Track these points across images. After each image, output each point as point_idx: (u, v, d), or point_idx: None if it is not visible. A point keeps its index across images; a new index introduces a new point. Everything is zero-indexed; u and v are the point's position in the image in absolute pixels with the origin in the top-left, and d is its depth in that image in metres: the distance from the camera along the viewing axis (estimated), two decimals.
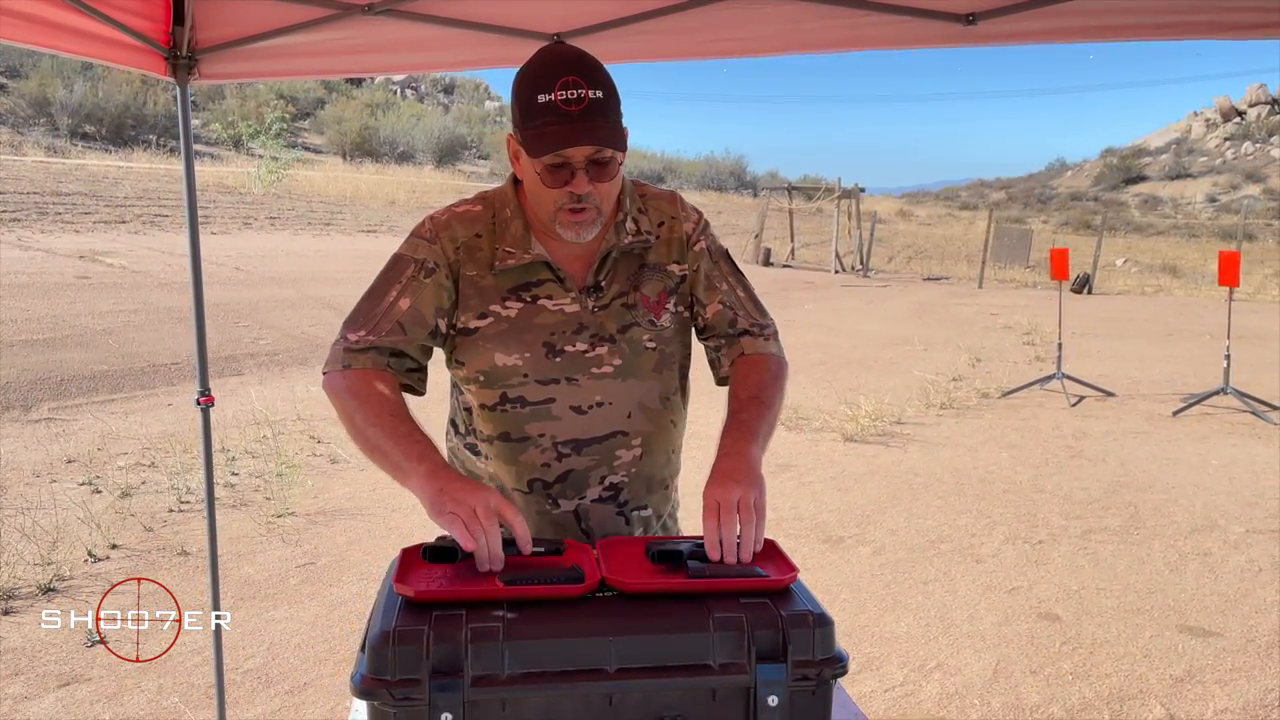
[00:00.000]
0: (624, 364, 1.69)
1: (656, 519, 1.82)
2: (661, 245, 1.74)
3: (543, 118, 1.49)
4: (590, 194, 1.55)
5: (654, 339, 1.72)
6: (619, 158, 1.57)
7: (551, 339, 1.66)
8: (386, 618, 1.23)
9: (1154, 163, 73.22)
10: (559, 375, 1.67)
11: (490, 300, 1.66)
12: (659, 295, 1.72)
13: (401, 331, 1.63)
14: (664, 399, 1.76)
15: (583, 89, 1.48)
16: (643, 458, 1.74)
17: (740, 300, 1.79)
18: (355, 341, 1.63)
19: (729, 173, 54.10)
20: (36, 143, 27.79)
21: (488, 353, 1.67)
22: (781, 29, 2.51)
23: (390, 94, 48.39)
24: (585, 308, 1.68)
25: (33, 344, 9.30)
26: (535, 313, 1.66)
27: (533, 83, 1.51)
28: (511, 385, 1.68)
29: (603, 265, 1.69)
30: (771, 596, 1.31)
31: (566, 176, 1.53)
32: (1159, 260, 30.89)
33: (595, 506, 1.73)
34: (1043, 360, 11.02)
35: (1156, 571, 4.64)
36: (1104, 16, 2.27)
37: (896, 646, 3.80)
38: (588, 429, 1.69)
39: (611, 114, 1.52)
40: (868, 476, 6.26)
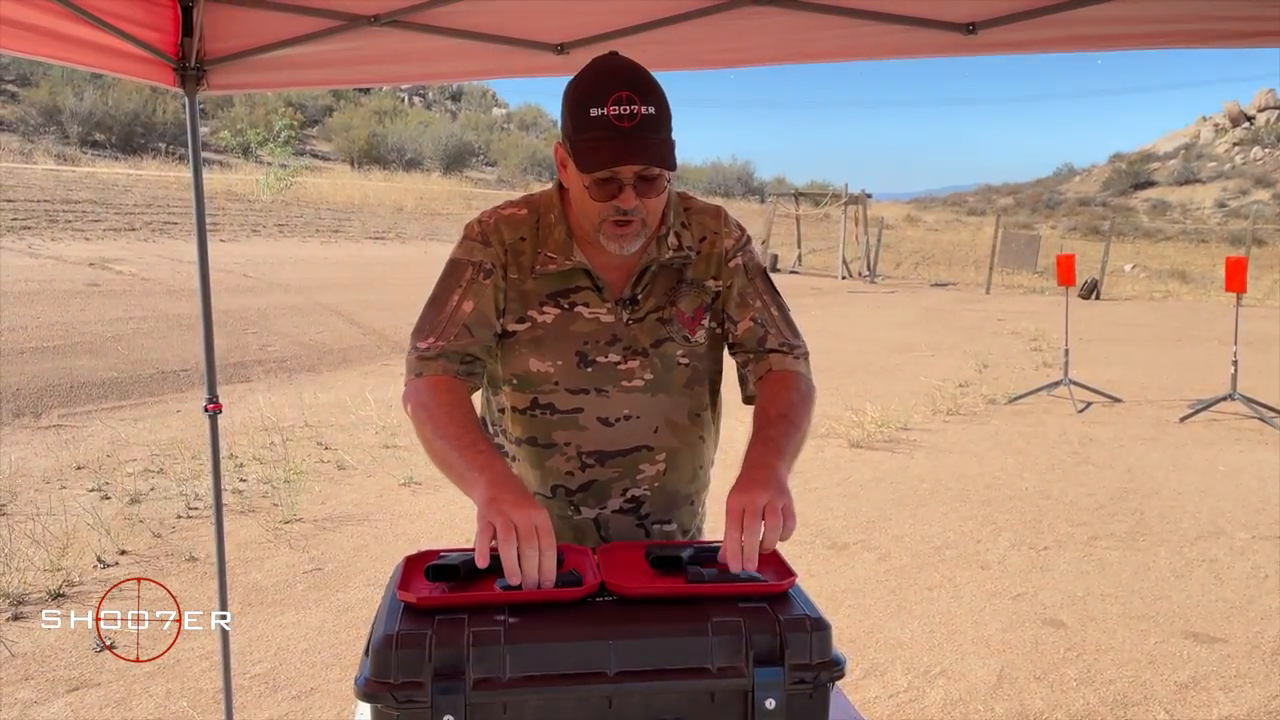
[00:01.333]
0: (655, 379, 1.69)
1: (682, 534, 1.81)
2: (701, 261, 1.73)
3: (594, 131, 1.48)
4: (637, 208, 1.54)
5: (687, 354, 1.72)
6: (668, 174, 1.56)
7: (584, 348, 1.67)
8: (389, 622, 1.24)
9: (1163, 168, 73.03)
10: (589, 386, 1.68)
11: (529, 305, 1.67)
12: (695, 311, 1.72)
13: (469, 334, 1.63)
14: (693, 415, 1.76)
15: (636, 105, 1.47)
16: (666, 473, 1.74)
17: (773, 318, 1.76)
18: (425, 349, 1.62)
19: (736, 179, 54.14)
20: (47, 150, 27.96)
21: (523, 357, 1.68)
22: (782, 39, 2.52)
23: (398, 101, 48.56)
24: (620, 319, 1.68)
25: (43, 351, 9.37)
26: (571, 320, 1.66)
27: (585, 95, 1.50)
28: (543, 391, 1.68)
29: (641, 278, 1.68)
30: (770, 601, 1.32)
31: (614, 191, 1.52)
32: (1167, 266, 30.85)
33: (615, 517, 1.73)
34: (1050, 366, 11.01)
35: (1162, 578, 4.64)
36: (1104, 26, 2.28)
37: (901, 652, 3.81)
38: (613, 441, 1.69)
39: (663, 130, 1.51)
40: (874, 483, 6.27)
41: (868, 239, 26.07)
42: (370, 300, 13.53)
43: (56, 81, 30.94)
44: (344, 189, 30.24)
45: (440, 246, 22.79)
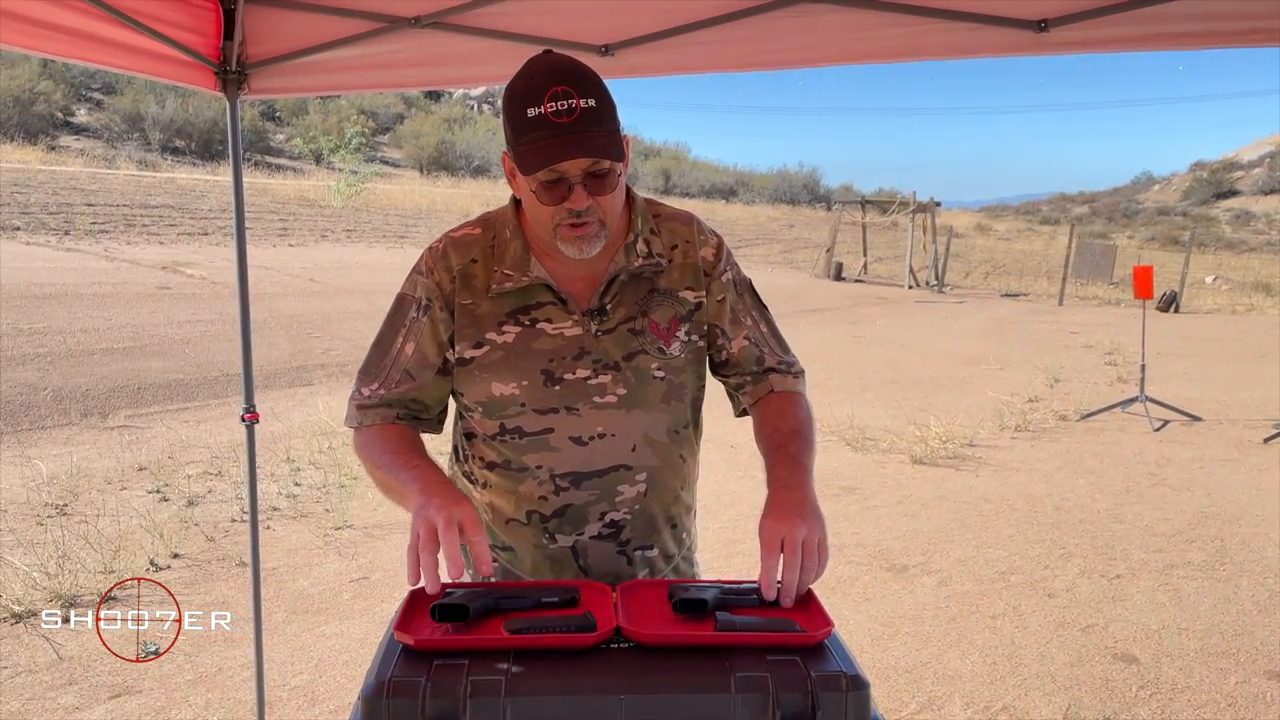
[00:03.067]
0: (629, 393, 1.59)
1: (665, 560, 1.71)
2: (675, 270, 1.63)
3: (533, 132, 1.41)
4: (591, 208, 1.46)
5: (663, 368, 1.61)
6: (618, 168, 1.47)
7: (550, 365, 1.57)
8: (384, 666, 1.15)
9: (1246, 176, 70.65)
10: (558, 404, 1.58)
11: (486, 328, 1.58)
12: (669, 322, 1.62)
13: (410, 379, 1.61)
14: (672, 432, 1.65)
15: (573, 99, 1.40)
16: (647, 494, 1.63)
17: (764, 336, 1.71)
18: (368, 396, 1.62)
19: (802, 186, 53.79)
20: (129, 157, 28.90)
21: (485, 382, 1.59)
22: (838, 38, 2.40)
23: (467, 109, 49.22)
24: (588, 331, 1.58)
25: (113, 352, 9.58)
26: (533, 337, 1.57)
27: (521, 97, 1.43)
28: (509, 415, 1.59)
29: (609, 288, 1.59)
30: (802, 653, 1.20)
31: (563, 192, 1.44)
32: (1251, 278, 29.75)
33: (594, 544, 1.62)
34: (1125, 382, 10.62)
35: (1244, 611, 4.37)
36: (1186, 22, 2.11)
37: (961, 686, 3.62)
38: (588, 462, 1.59)
39: (606, 122, 1.43)
40: (936, 502, 6.05)
41: (935, 247, 25.59)
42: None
43: (140, 90, 31.97)
44: (412, 195, 30.69)
45: None
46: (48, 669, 3.58)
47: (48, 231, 16.89)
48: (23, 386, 8.01)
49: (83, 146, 29.62)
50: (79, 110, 33.64)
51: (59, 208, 18.83)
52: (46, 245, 15.76)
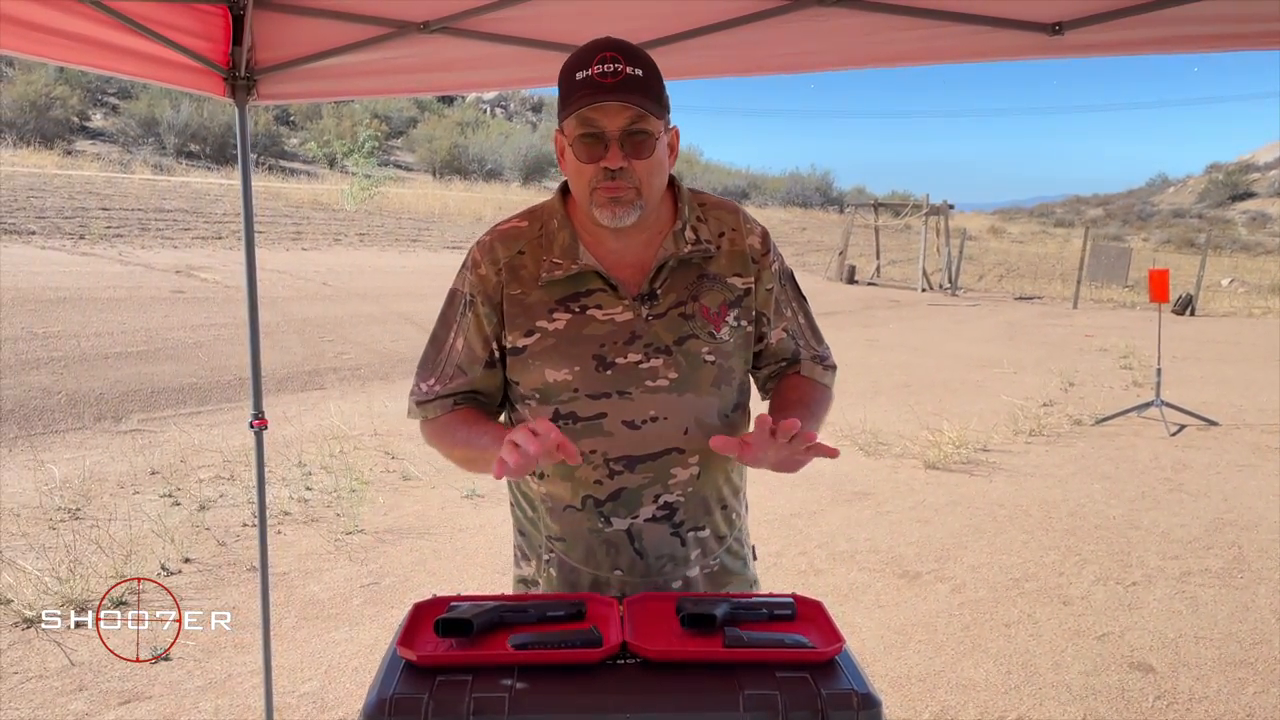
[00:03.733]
0: (680, 377, 1.61)
1: (718, 541, 1.72)
2: (723, 256, 1.67)
3: (578, 91, 1.48)
4: (625, 171, 1.50)
5: (713, 352, 1.63)
6: (657, 135, 1.51)
7: (602, 350, 1.59)
8: (386, 683, 1.13)
9: (1263, 178, 70.19)
10: (610, 389, 1.60)
11: (537, 316, 1.61)
12: (719, 307, 1.65)
13: (462, 374, 1.68)
14: (722, 415, 1.67)
15: (620, 64, 1.47)
16: (700, 476, 1.65)
17: (802, 328, 1.78)
18: (425, 392, 1.70)
19: (814, 189, 53.63)
20: (144, 161, 29.02)
21: (538, 369, 1.62)
22: (851, 42, 2.37)
23: (480, 113, 49.30)
24: (639, 316, 1.61)
25: (126, 356, 9.61)
26: (584, 323, 1.60)
27: (573, 64, 1.51)
28: (563, 401, 1.61)
29: (659, 273, 1.62)
30: (813, 670, 1.18)
31: (600, 151, 1.49)
32: (1268, 280, 29.47)
33: (649, 526, 1.64)
34: (1141, 386, 10.54)
35: (1262, 620, 4.31)
36: (1202, 25, 2.08)
37: (974, 695, 3.58)
38: (641, 445, 1.61)
39: (650, 91, 1.49)
40: (949, 507, 6.00)
41: (949, 250, 25.48)
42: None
43: (155, 94, 32.09)
44: (425, 199, 30.73)
45: None
46: (58, 674, 3.58)
47: (63, 236, 16.98)
48: (36, 390, 8.05)
49: (98, 151, 29.79)
50: (95, 115, 33.83)
51: (74, 212, 18.93)
52: (61, 249, 15.85)
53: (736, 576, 1.75)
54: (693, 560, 1.67)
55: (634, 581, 1.64)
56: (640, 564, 1.63)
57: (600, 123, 1.47)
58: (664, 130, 1.54)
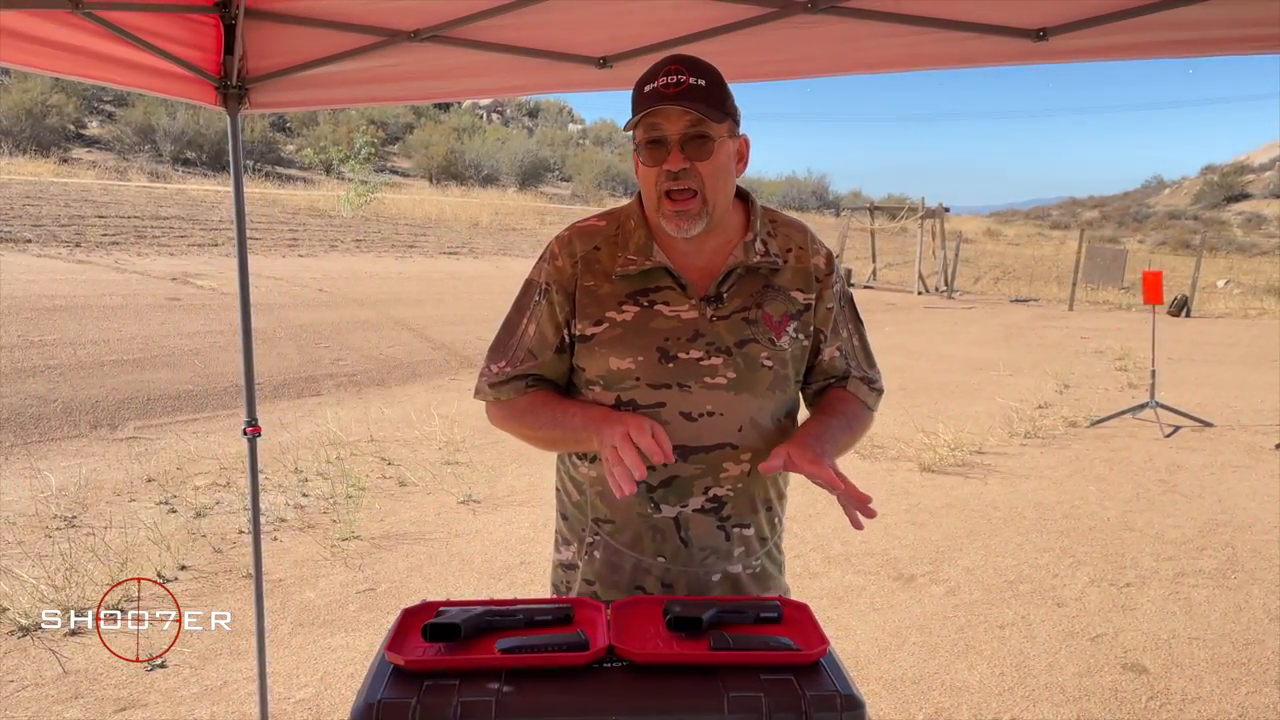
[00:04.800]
0: (738, 377, 1.68)
1: (760, 542, 1.77)
2: (789, 271, 1.75)
3: (645, 102, 1.58)
4: (688, 172, 1.58)
5: (771, 358, 1.70)
6: (718, 138, 1.59)
7: (666, 344, 1.67)
8: (374, 688, 1.14)
9: (1258, 179, 70.30)
10: (671, 381, 1.66)
11: (607, 306, 1.69)
12: (781, 317, 1.72)
13: (533, 358, 1.75)
14: (776, 419, 1.74)
15: (684, 75, 1.56)
16: (750, 474, 1.71)
17: (854, 350, 1.84)
18: (497, 373, 1.77)
19: (811, 192, 53.75)
20: (141, 168, 29.01)
21: (603, 357, 1.68)
22: (837, 49, 2.39)
23: (476, 118, 49.29)
24: (704, 315, 1.68)
25: (123, 364, 9.60)
26: (651, 317, 1.67)
27: (642, 80, 1.61)
28: (625, 389, 1.68)
29: (727, 278, 1.70)
30: (797, 672, 1.19)
31: (663, 154, 1.59)
32: (1263, 282, 29.55)
33: (696, 516, 1.70)
34: (1136, 387, 10.56)
35: (1255, 620, 4.32)
36: (1186, 30, 2.09)
37: (968, 697, 3.60)
38: (696, 437, 1.67)
39: (712, 98, 1.57)
40: (944, 510, 6.02)
41: (945, 253, 25.52)
42: (440, 315, 13.67)
43: (151, 102, 32.08)
44: (422, 205, 30.74)
45: (512, 261, 22.98)
46: (54, 682, 3.58)
47: (59, 244, 16.97)
48: (33, 398, 8.04)
49: (94, 159, 29.78)
50: (91, 123, 33.82)
51: (70, 220, 18.92)
52: (58, 257, 15.83)
53: (774, 581, 1.81)
54: (735, 557, 1.73)
55: (676, 570, 1.69)
56: (684, 553, 1.69)
57: (662, 127, 1.57)
58: (728, 136, 1.62)
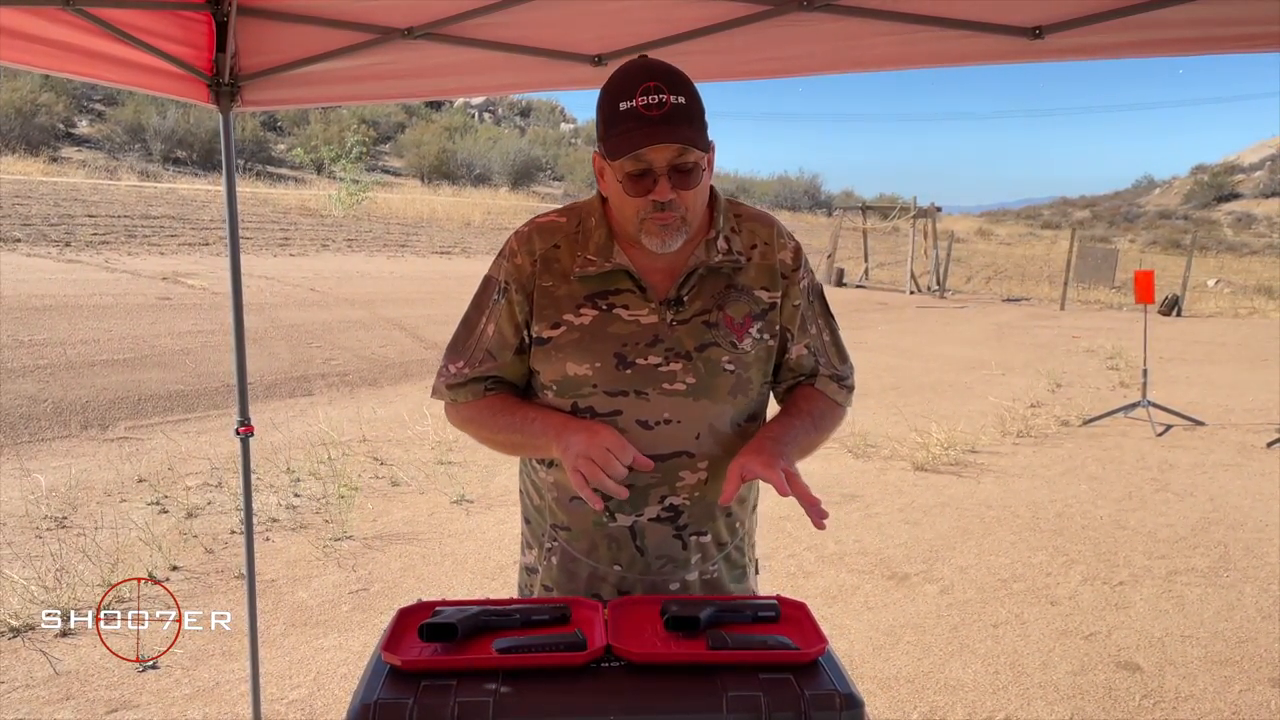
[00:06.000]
0: (698, 383, 1.63)
1: (718, 546, 1.73)
2: (752, 269, 1.69)
3: (624, 124, 1.50)
4: (674, 202, 1.54)
5: (733, 361, 1.66)
6: (703, 164, 1.55)
7: (623, 350, 1.62)
8: (370, 688, 1.14)
9: (1248, 179, 70.61)
10: (628, 388, 1.63)
11: (564, 309, 1.64)
12: (744, 318, 1.67)
13: (492, 359, 1.70)
14: (736, 425, 1.69)
15: (664, 94, 1.49)
16: (708, 482, 1.67)
17: (825, 345, 1.78)
18: (454, 374, 1.73)
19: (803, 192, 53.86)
20: (131, 168, 28.91)
21: (560, 362, 1.64)
22: (833, 46, 2.38)
23: (468, 118, 49.23)
24: (663, 320, 1.64)
25: (113, 364, 9.55)
26: (609, 321, 1.63)
27: (615, 92, 1.52)
28: (582, 395, 1.64)
29: (688, 280, 1.64)
30: (796, 672, 1.18)
31: (649, 184, 1.52)
32: (1253, 281, 29.71)
33: (652, 525, 1.66)
34: (1127, 386, 10.59)
35: (1248, 618, 4.34)
36: (1182, 29, 2.10)
37: (963, 695, 3.60)
38: (652, 445, 1.62)
39: (695, 120, 1.52)
40: (938, 509, 6.02)
41: (937, 253, 25.58)
42: (433, 314, 13.62)
43: (141, 101, 31.97)
44: (414, 204, 30.67)
45: None
46: (45, 684, 3.56)
47: (49, 243, 16.89)
48: (23, 398, 8.00)
49: (84, 158, 29.66)
50: (80, 122, 33.68)
51: (60, 219, 18.83)
52: (48, 257, 15.76)
53: (735, 586, 1.76)
54: (692, 564, 1.69)
55: (631, 578, 1.66)
56: (640, 561, 1.66)
57: (649, 157, 1.50)
58: (708, 147, 1.57)
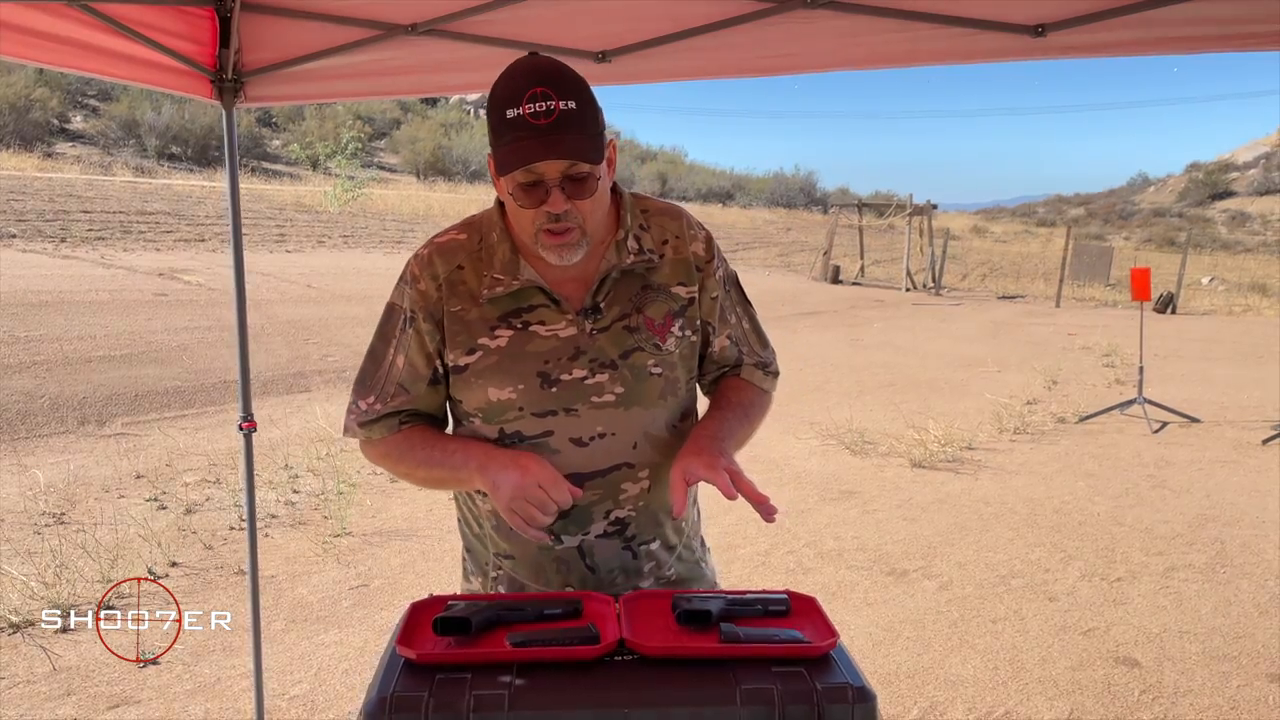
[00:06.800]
0: (627, 391, 1.57)
1: (668, 550, 1.69)
2: (666, 265, 1.62)
3: (511, 134, 1.40)
4: (569, 213, 1.45)
5: (659, 364, 1.60)
6: (598, 172, 1.46)
7: (546, 367, 1.55)
8: (386, 681, 1.14)
9: (1242, 177, 70.72)
10: (556, 406, 1.56)
11: (478, 334, 1.56)
12: (664, 318, 1.60)
13: (405, 392, 1.62)
14: (671, 427, 1.64)
15: (552, 100, 1.38)
16: (651, 490, 1.62)
17: (746, 334, 1.74)
18: (366, 410, 1.64)
19: (799, 189, 53.86)
20: (125, 163, 28.83)
21: (481, 388, 1.57)
22: (836, 44, 2.39)
23: (464, 114, 49.15)
24: (583, 330, 1.56)
25: (110, 360, 9.54)
26: (527, 340, 1.56)
27: (501, 98, 1.41)
28: (508, 420, 1.57)
29: (602, 286, 1.57)
30: (808, 665, 1.19)
31: (541, 195, 1.43)
32: (1247, 279, 29.80)
33: (600, 542, 1.61)
34: (1123, 383, 10.63)
35: (1245, 614, 4.36)
36: (1184, 27, 2.11)
37: (963, 691, 3.61)
38: (590, 462, 1.57)
39: (587, 125, 1.42)
40: (936, 505, 6.04)
41: (932, 250, 25.62)
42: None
43: (136, 96, 31.89)
44: (409, 200, 30.64)
45: None
46: (45, 679, 3.56)
47: (44, 239, 16.85)
48: (19, 394, 7.98)
49: (79, 153, 29.59)
50: (75, 117, 33.58)
51: (55, 215, 18.78)
52: (43, 253, 15.72)
53: (696, 581, 1.73)
54: (646, 572, 1.65)
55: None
56: (592, 578, 1.61)
57: (539, 169, 1.41)
58: (602, 157, 1.46)
